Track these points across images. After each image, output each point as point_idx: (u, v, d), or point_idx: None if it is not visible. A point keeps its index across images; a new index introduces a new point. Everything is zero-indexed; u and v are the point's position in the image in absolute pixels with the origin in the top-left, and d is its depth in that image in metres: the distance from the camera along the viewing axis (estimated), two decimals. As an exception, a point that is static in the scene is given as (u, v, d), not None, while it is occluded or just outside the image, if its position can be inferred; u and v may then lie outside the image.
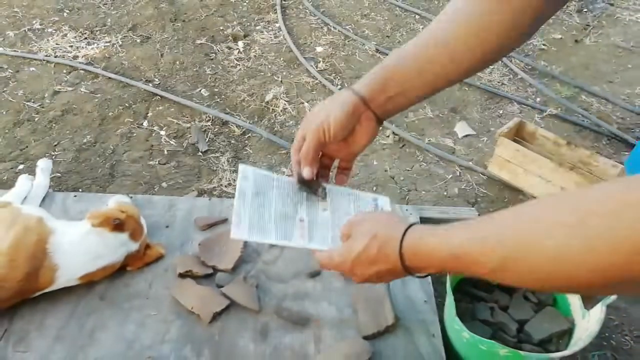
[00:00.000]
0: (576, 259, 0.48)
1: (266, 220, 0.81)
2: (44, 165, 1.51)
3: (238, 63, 2.52)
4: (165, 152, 2.01)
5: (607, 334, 1.49)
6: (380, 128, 0.83)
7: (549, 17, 0.73)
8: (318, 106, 0.79)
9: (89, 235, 1.22)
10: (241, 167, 0.86)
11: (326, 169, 0.84)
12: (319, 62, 2.56)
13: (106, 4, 2.90)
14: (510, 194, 1.92)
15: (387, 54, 2.60)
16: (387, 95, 0.74)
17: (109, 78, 2.35)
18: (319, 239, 0.83)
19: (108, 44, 2.59)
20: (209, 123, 2.15)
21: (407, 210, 1.54)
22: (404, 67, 0.73)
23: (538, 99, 2.42)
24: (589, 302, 1.25)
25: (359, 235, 0.71)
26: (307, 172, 0.79)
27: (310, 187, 0.83)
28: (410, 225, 0.68)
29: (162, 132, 2.10)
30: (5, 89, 2.26)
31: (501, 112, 2.33)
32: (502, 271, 0.55)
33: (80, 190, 1.82)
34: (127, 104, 2.22)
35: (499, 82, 2.50)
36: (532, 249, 0.51)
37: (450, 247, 0.60)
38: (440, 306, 1.31)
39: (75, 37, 2.61)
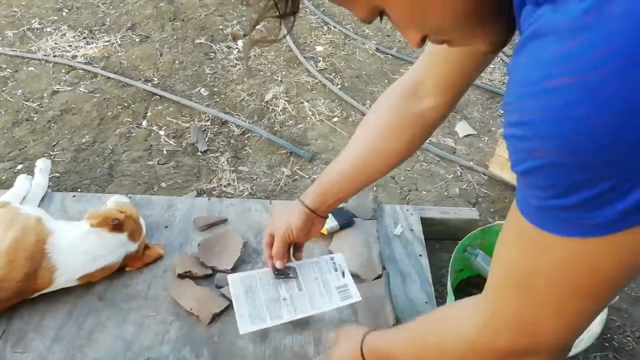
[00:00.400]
0: None
1: (260, 310, 1.09)
2: (42, 165, 1.51)
3: (237, 62, 2.51)
4: (165, 152, 2.00)
5: (608, 335, 1.48)
6: None
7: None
8: (281, 214, 1.06)
9: (87, 236, 1.21)
10: (229, 277, 1.13)
11: (287, 251, 1.11)
12: (319, 61, 2.55)
13: (105, 3, 2.89)
14: (511, 195, 1.91)
15: (387, 54, 2.60)
16: (327, 204, 1.02)
17: (108, 78, 2.34)
18: (301, 309, 1.11)
19: (107, 43, 2.58)
20: (209, 123, 2.14)
21: (407, 210, 1.53)
22: (335, 183, 1.00)
23: (539, 99, 2.41)
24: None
25: (337, 344, 0.96)
26: (279, 265, 1.09)
27: (283, 272, 1.13)
28: (369, 332, 0.90)
29: (161, 132, 2.09)
30: (4, 88, 2.25)
31: (502, 111, 2.32)
32: None
33: (79, 190, 1.81)
34: (126, 104, 2.22)
35: (500, 82, 2.49)
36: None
37: (385, 350, 0.82)
38: (441, 307, 1.30)
39: (74, 36, 2.61)
